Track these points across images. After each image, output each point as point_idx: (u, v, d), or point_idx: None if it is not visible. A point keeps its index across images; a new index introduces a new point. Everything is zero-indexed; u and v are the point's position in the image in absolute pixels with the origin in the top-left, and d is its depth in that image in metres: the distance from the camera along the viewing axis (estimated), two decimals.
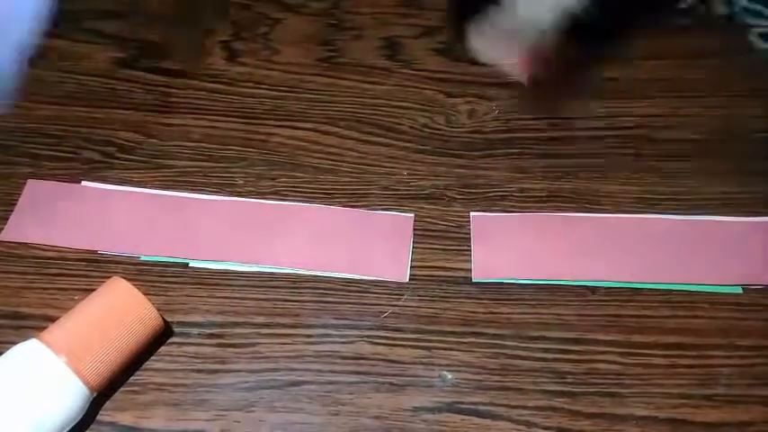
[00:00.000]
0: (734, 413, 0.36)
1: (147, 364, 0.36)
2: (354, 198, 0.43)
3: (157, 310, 0.35)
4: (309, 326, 0.38)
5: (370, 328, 0.38)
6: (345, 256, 0.40)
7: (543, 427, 0.35)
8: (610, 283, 0.40)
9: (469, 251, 0.41)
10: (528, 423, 0.35)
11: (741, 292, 0.40)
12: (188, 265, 0.40)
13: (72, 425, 0.33)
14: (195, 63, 0.49)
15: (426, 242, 0.41)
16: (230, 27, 0.52)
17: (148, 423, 0.35)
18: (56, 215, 0.41)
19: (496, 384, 0.36)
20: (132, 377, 0.36)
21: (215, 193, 0.43)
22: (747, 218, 0.42)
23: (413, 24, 0.53)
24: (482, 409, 0.35)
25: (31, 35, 0.31)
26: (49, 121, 0.46)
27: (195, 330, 0.37)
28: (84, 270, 0.39)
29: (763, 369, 0.37)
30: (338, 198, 0.43)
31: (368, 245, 0.41)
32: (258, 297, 0.39)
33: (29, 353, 0.32)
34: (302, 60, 0.50)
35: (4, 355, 0.33)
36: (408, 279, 0.40)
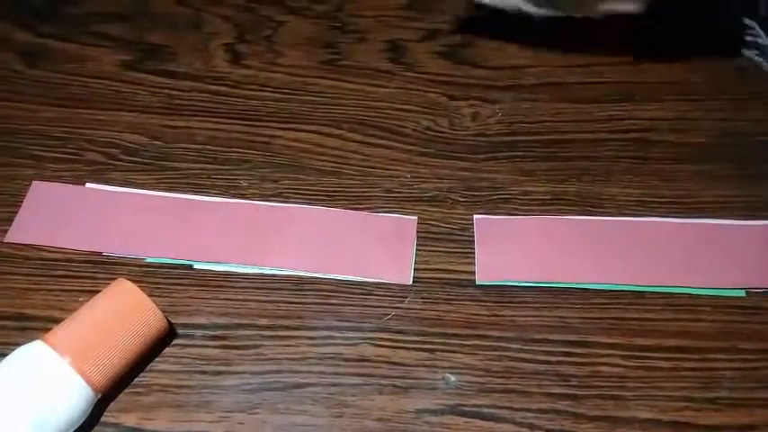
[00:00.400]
0: (736, 416, 0.36)
1: (151, 365, 0.36)
2: (358, 200, 0.43)
3: (162, 311, 0.35)
4: (313, 328, 0.38)
5: (374, 331, 0.38)
6: (349, 258, 0.41)
7: (546, 430, 0.35)
8: (612, 286, 0.40)
9: (473, 254, 0.41)
10: (531, 426, 0.35)
11: (744, 295, 0.40)
12: (192, 266, 0.40)
13: (76, 426, 0.33)
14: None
15: (430, 245, 0.41)
16: (234, 30, 0.52)
17: (152, 424, 0.35)
18: (60, 217, 0.41)
19: (500, 387, 0.36)
20: (136, 378, 0.36)
21: (219, 195, 0.43)
22: (750, 221, 0.43)
23: (416, 27, 0.53)
24: (485, 411, 0.36)
25: None
26: (54, 123, 0.46)
27: (199, 332, 0.38)
28: (89, 272, 0.39)
29: (766, 372, 0.37)
30: (341, 200, 0.43)
31: (371, 247, 0.41)
32: (262, 299, 0.39)
33: (33, 354, 0.33)
34: (306, 63, 0.50)
35: (8, 356, 0.33)
36: (412, 281, 0.40)
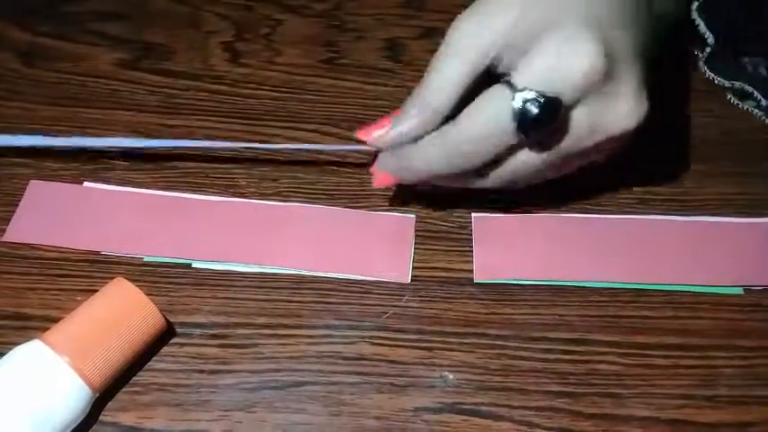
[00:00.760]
0: (735, 414, 0.36)
1: (150, 364, 0.36)
2: (356, 199, 0.43)
3: (160, 310, 0.35)
4: (311, 326, 0.38)
5: (372, 329, 0.38)
6: (347, 256, 0.41)
7: (545, 428, 0.35)
8: (611, 283, 0.40)
9: (471, 252, 0.41)
10: (529, 424, 0.35)
11: (742, 292, 0.40)
12: (191, 265, 0.40)
13: (74, 425, 0.33)
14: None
15: (428, 243, 0.41)
16: (232, 28, 0.52)
17: (150, 423, 0.35)
18: (58, 216, 0.41)
19: (498, 385, 0.36)
20: (134, 377, 0.36)
21: (217, 194, 0.43)
22: (749, 219, 0.42)
23: (415, 26, 0.53)
24: (483, 409, 0.36)
25: None
26: (51, 123, 0.46)
27: (197, 331, 0.38)
28: (87, 271, 0.39)
29: (765, 370, 0.37)
30: (340, 199, 0.43)
31: (370, 246, 0.41)
32: (260, 298, 0.39)
33: (31, 353, 0.33)
34: (304, 61, 0.50)
35: (6, 355, 0.33)
36: (410, 280, 0.40)
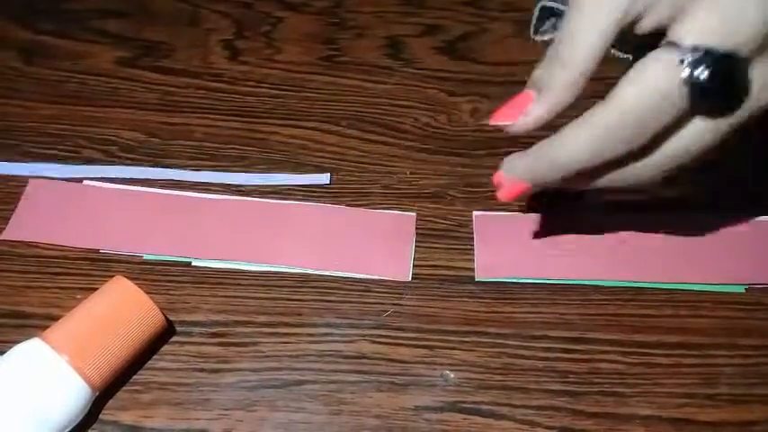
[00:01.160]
0: (737, 413, 0.36)
1: (150, 363, 0.36)
2: (356, 197, 0.43)
3: (160, 309, 0.35)
4: (312, 325, 0.38)
5: (372, 328, 0.38)
6: (347, 255, 0.40)
7: (546, 427, 0.35)
8: (612, 282, 0.40)
9: (472, 250, 0.41)
10: (531, 423, 0.35)
11: (744, 291, 0.40)
12: (191, 264, 0.40)
13: (75, 424, 0.33)
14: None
15: (429, 241, 0.41)
16: (232, 26, 0.52)
17: (151, 422, 0.35)
18: (57, 214, 0.41)
19: (499, 384, 0.36)
20: (134, 376, 0.36)
21: (217, 192, 0.43)
22: (750, 217, 0.42)
23: (415, 23, 0.53)
24: (484, 408, 0.35)
25: None
26: (51, 121, 0.46)
27: (197, 329, 0.37)
28: (86, 269, 0.39)
29: (767, 368, 0.37)
30: (340, 197, 0.43)
31: (370, 244, 0.41)
32: (260, 296, 0.39)
33: (31, 352, 0.32)
34: (304, 59, 0.50)
35: (6, 354, 0.33)
36: (411, 278, 0.40)
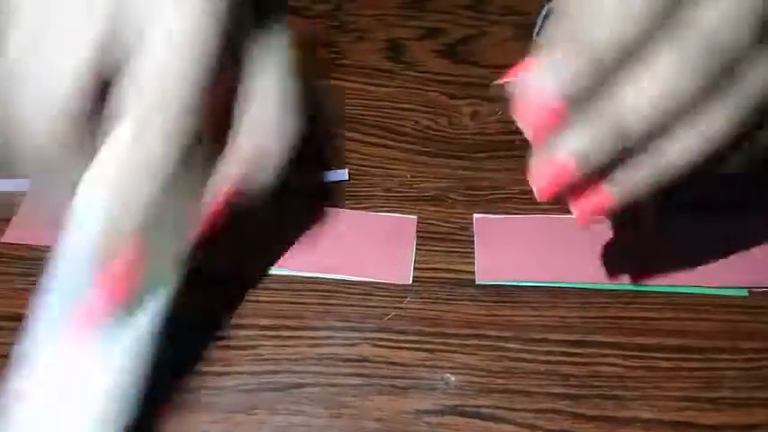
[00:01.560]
0: (738, 416, 0.35)
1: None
2: (357, 200, 0.43)
3: None
4: (312, 328, 0.38)
5: (373, 331, 0.38)
6: (348, 258, 0.40)
7: (546, 430, 0.35)
8: (613, 285, 0.40)
9: (473, 253, 0.41)
10: (531, 426, 0.35)
11: (746, 294, 0.39)
12: None
13: None
14: None
15: (429, 244, 0.41)
16: None
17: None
18: (57, 217, 0.41)
19: (499, 387, 0.36)
20: None
21: None
22: (754, 219, 0.42)
23: (416, 26, 0.53)
24: (485, 411, 0.35)
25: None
26: None
27: (197, 332, 0.37)
28: None
29: None
30: (341, 200, 0.43)
31: (371, 247, 0.41)
32: (261, 299, 0.39)
33: None
34: (304, 62, 0.50)
35: None
36: (411, 281, 0.40)
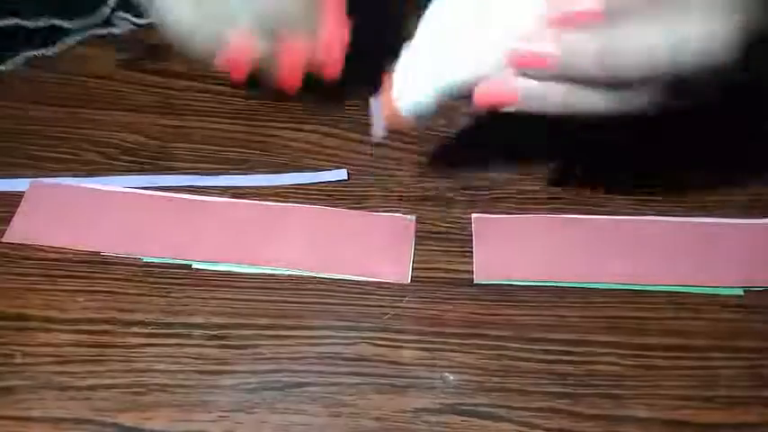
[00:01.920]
0: (735, 415, 0.36)
1: (150, 365, 0.36)
2: (356, 200, 0.43)
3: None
4: (311, 327, 0.38)
5: (372, 330, 0.38)
6: (347, 257, 0.41)
7: (544, 429, 0.35)
8: (611, 284, 0.40)
9: (471, 253, 0.41)
10: (530, 425, 0.35)
11: (742, 293, 0.40)
12: (191, 266, 0.40)
13: None
14: None
15: (428, 244, 0.41)
16: None
17: (150, 424, 0.35)
18: (58, 217, 0.41)
19: (498, 386, 0.36)
20: (134, 378, 0.36)
21: (217, 194, 0.43)
22: (748, 219, 0.43)
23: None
24: (483, 410, 0.36)
25: None
26: (51, 123, 0.46)
27: (197, 332, 0.38)
28: (87, 272, 0.39)
29: (765, 371, 0.37)
30: (340, 200, 0.43)
31: (370, 247, 0.41)
32: (261, 299, 0.39)
33: None
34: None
35: None
36: (410, 281, 0.40)
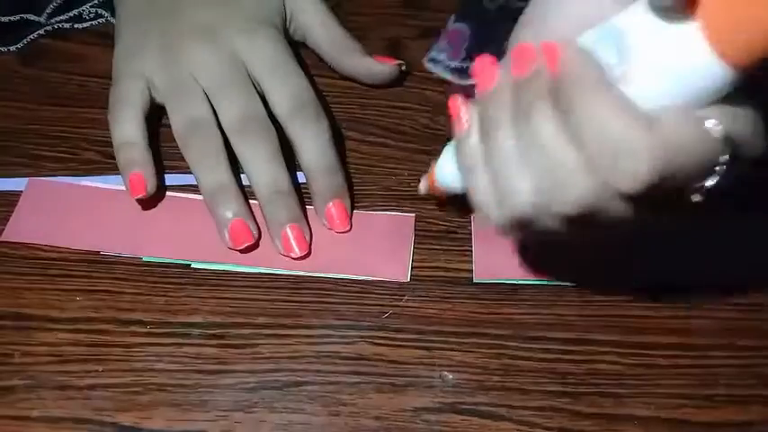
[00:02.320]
0: (734, 413, 0.36)
1: (149, 364, 0.36)
2: (356, 199, 0.43)
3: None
4: (310, 326, 0.38)
5: (372, 329, 0.38)
6: (347, 256, 0.41)
7: (544, 428, 0.35)
8: (609, 284, 0.40)
9: (471, 252, 0.41)
10: (529, 423, 0.35)
11: (740, 292, 0.40)
12: (190, 266, 0.40)
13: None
14: None
15: (427, 243, 0.41)
16: None
17: (149, 424, 0.35)
18: (57, 216, 0.41)
19: (497, 385, 0.36)
20: (133, 377, 0.36)
21: None
22: (745, 218, 0.42)
23: (415, 25, 0.53)
24: (483, 409, 0.36)
25: None
26: (51, 123, 0.46)
27: (196, 331, 0.38)
28: (86, 271, 0.39)
29: (764, 369, 0.37)
30: None
31: (369, 245, 0.41)
32: (260, 298, 0.39)
33: None
34: (305, 61, 0.50)
35: None
36: (409, 279, 0.40)
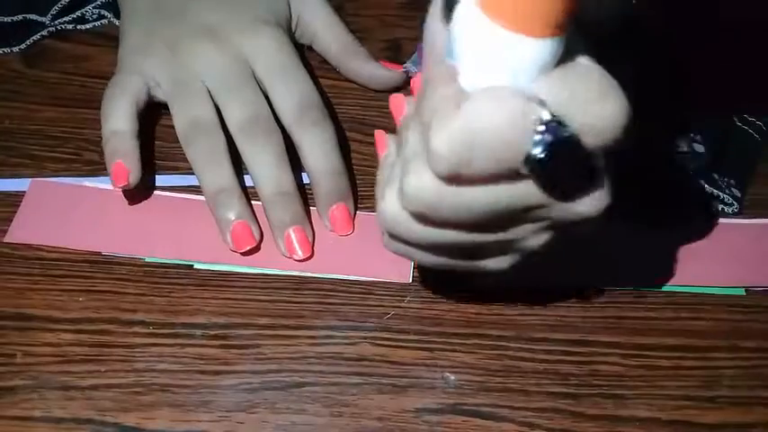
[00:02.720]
0: (736, 415, 0.36)
1: (151, 364, 0.36)
2: (358, 200, 0.43)
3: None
4: (312, 327, 0.38)
5: (374, 330, 0.38)
6: (349, 257, 0.41)
7: (546, 429, 0.35)
8: (614, 285, 0.40)
9: None
10: (531, 425, 0.35)
11: (744, 293, 0.40)
12: (192, 266, 0.40)
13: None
14: None
15: None
16: None
17: (152, 424, 0.35)
18: (59, 217, 0.41)
19: (499, 386, 0.36)
20: (135, 378, 0.36)
21: None
22: (750, 219, 0.42)
23: (416, 26, 0.53)
24: (485, 410, 0.36)
25: None
26: (53, 123, 0.46)
27: (199, 332, 0.38)
28: (89, 272, 0.39)
29: (766, 371, 0.37)
30: None
31: (371, 246, 0.41)
32: (262, 299, 0.39)
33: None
34: (309, 63, 0.50)
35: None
36: (411, 280, 0.40)
